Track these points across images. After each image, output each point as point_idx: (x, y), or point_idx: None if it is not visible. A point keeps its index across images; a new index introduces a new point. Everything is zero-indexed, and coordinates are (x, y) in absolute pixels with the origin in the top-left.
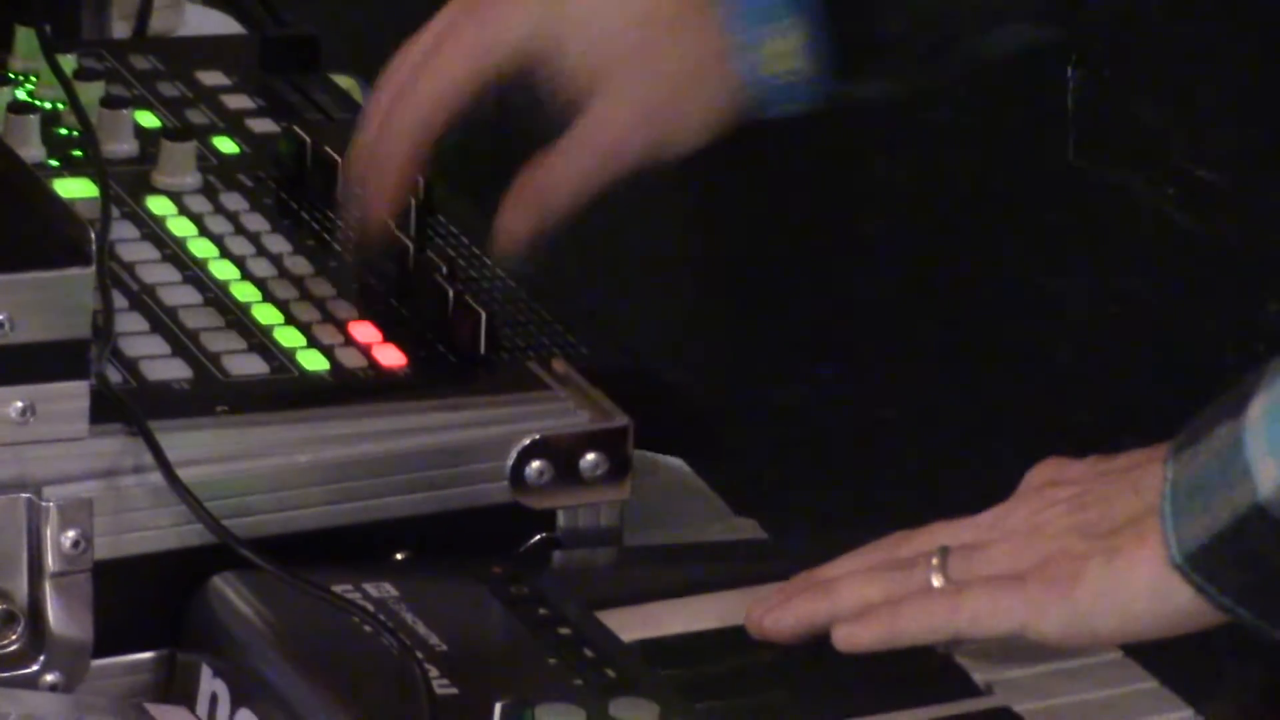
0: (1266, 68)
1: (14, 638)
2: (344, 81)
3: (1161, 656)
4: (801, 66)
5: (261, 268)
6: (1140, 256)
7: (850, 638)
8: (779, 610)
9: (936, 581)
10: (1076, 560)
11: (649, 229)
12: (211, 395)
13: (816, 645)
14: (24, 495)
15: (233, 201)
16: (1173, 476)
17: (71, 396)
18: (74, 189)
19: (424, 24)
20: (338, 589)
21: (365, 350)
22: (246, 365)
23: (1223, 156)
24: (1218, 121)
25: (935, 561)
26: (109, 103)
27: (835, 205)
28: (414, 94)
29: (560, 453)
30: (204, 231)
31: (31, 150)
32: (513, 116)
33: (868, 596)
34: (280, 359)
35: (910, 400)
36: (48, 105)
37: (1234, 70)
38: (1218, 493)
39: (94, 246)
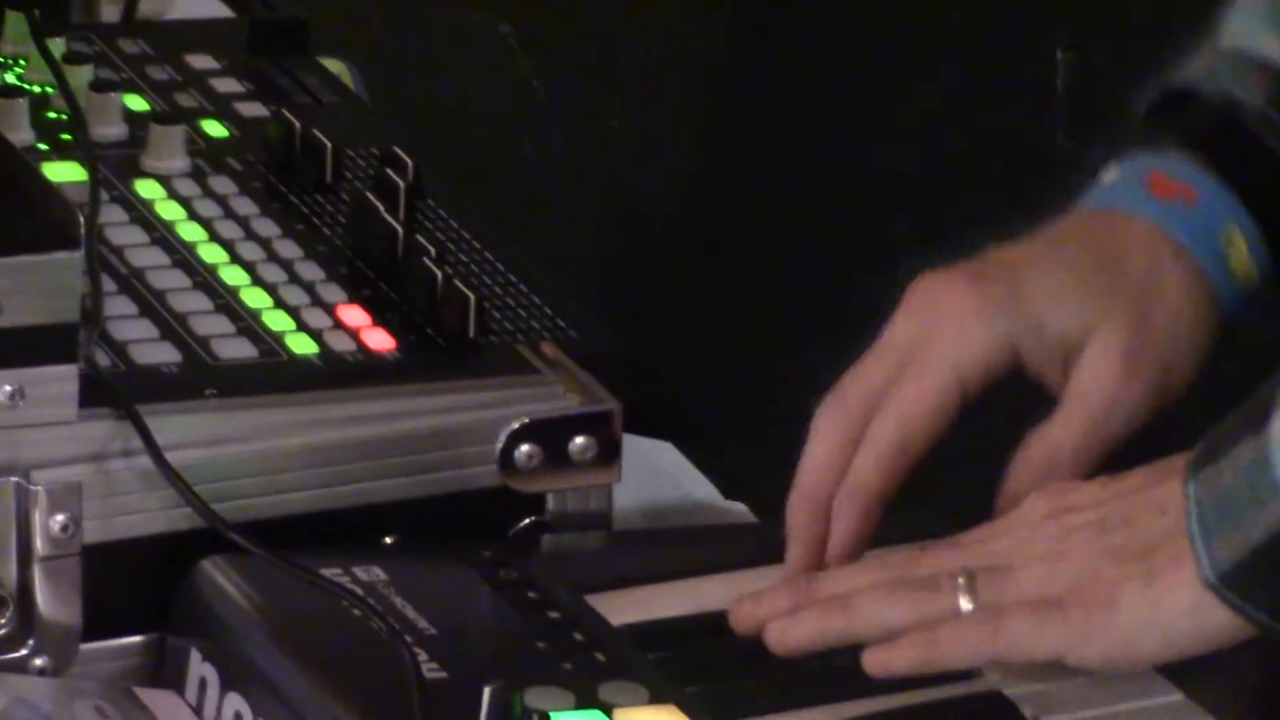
0: None
1: (2, 622)
2: (333, 65)
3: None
4: (1256, 272)
5: (250, 251)
6: None
7: (884, 665)
8: (788, 624)
9: (966, 605)
10: (1113, 585)
11: (640, 213)
12: (200, 379)
13: None
14: (13, 479)
15: (221, 185)
16: (1196, 495)
17: (60, 380)
18: (63, 173)
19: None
20: (327, 573)
21: (354, 334)
22: (235, 349)
23: None
24: None
25: (963, 582)
26: (98, 86)
27: (828, 189)
28: (884, 427)
29: (549, 436)
30: (193, 215)
31: (20, 134)
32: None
33: (890, 619)
34: (269, 342)
35: None
36: (36, 89)
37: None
38: (1248, 512)
39: (83, 230)
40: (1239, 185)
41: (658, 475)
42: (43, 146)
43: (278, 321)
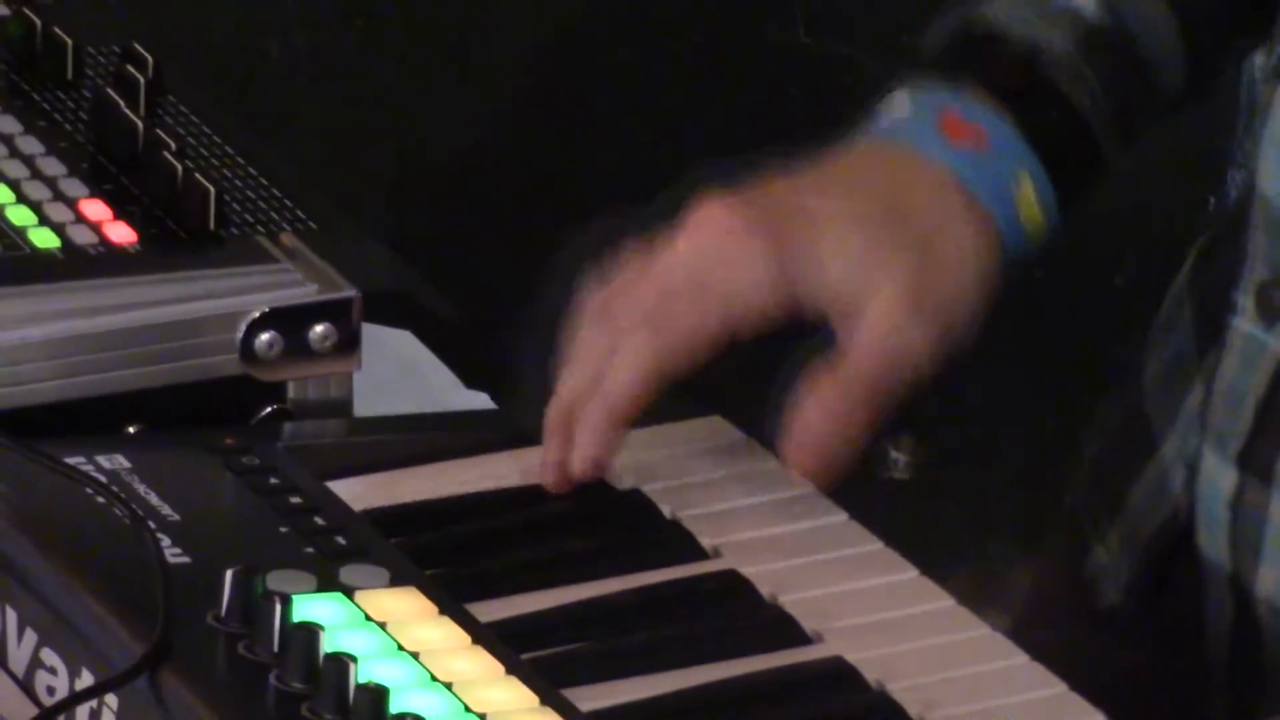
0: None
1: None
2: None
3: None
4: (1042, 218)
5: None
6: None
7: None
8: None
9: None
10: None
11: (386, 113)
12: None
13: (551, 511)
14: None
15: None
16: None
17: None
18: None
19: None
20: (70, 461)
21: (96, 227)
22: None
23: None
24: None
25: None
26: None
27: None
28: (643, 347)
29: (289, 325)
30: None
31: None
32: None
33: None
34: (11, 236)
35: None
36: None
37: None
38: None
39: None
40: (1032, 131)
41: (398, 363)
42: None
43: (20, 216)
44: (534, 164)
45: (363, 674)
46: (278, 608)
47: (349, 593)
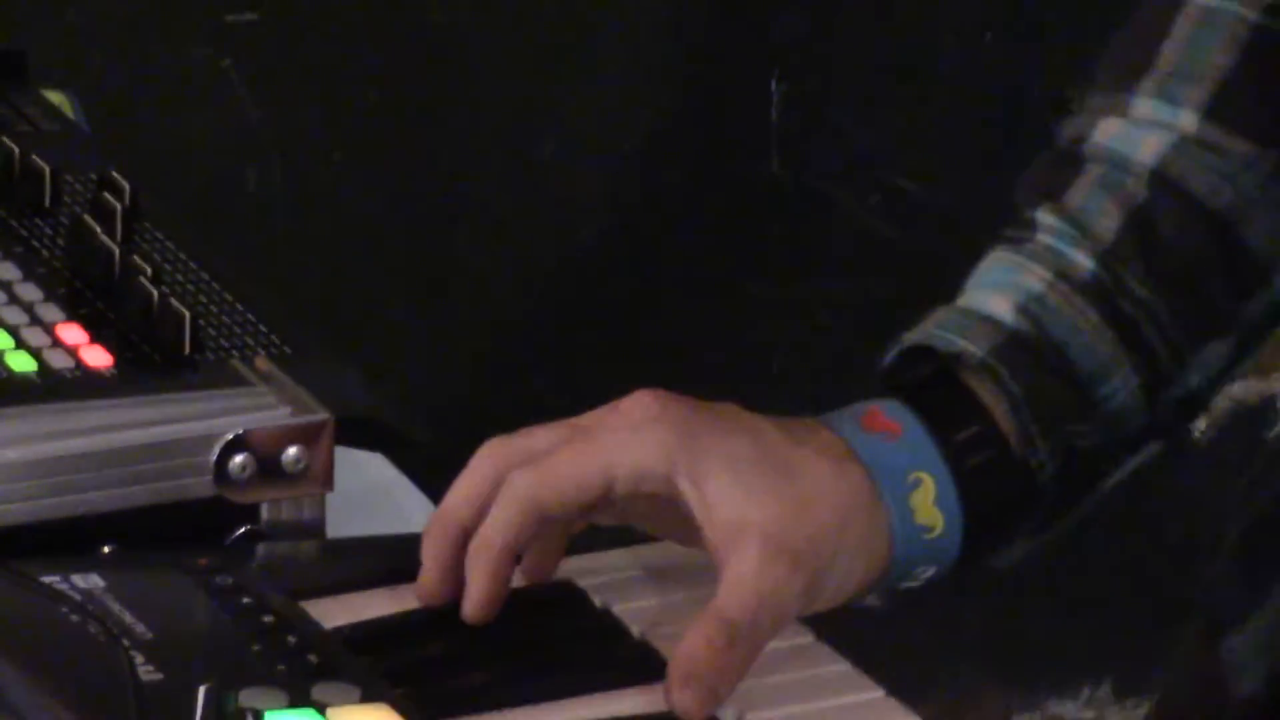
0: (963, 80)
1: None
2: (54, 96)
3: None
4: (942, 523)
5: None
6: (843, 264)
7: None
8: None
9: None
10: None
11: (363, 235)
12: None
13: (521, 630)
14: None
15: None
16: None
17: None
18: None
19: (138, 45)
20: (46, 580)
21: (73, 351)
22: None
23: (923, 167)
24: (919, 133)
25: None
26: None
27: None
28: (524, 484)
29: (262, 447)
30: None
31: None
32: None
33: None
34: None
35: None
36: None
37: (932, 83)
38: None
39: None
40: (947, 440)
41: (370, 485)
42: None
43: None
44: (509, 294)
45: None
46: None
47: (321, 709)
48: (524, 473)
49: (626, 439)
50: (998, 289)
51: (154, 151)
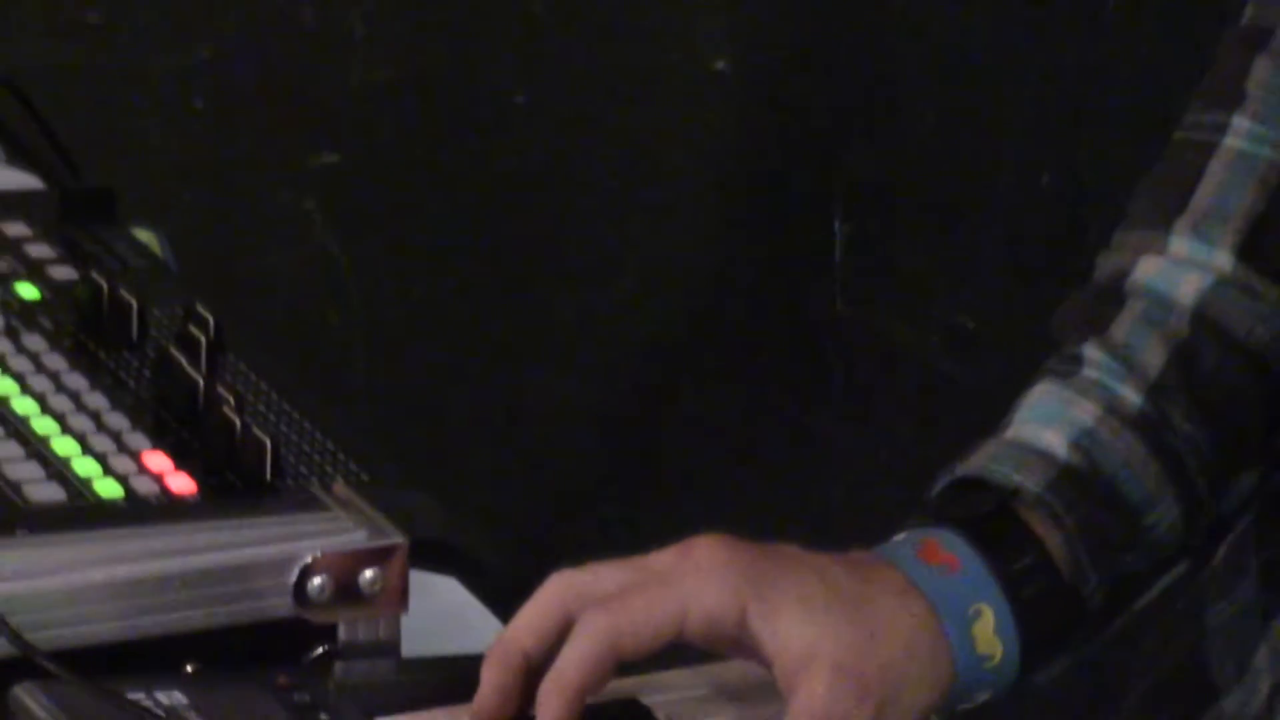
0: (1022, 220)
1: None
2: (143, 234)
3: None
4: (1001, 651)
5: (60, 403)
6: (905, 400)
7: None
8: None
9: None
10: None
11: (440, 371)
12: (12, 520)
13: None
14: None
15: (34, 343)
16: None
17: None
18: None
19: (231, 189)
20: (132, 697)
21: (158, 478)
22: (46, 492)
23: (982, 304)
24: (979, 272)
25: None
26: None
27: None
28: (600, 626)
29: (338, 570)
30: (6, 370)
31: None
32: None
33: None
34: (77, 487)
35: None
36: None
37: (992, 223)
38: None
39: None
40: (1005, 571)
41: (444, 608)
42: None
43: (86, 468)
44: (580, 425)
45: None
46: None
47: None
48: (600, 614)
49: (698, 584)
50: (1050, 423)
51: (239, 286)
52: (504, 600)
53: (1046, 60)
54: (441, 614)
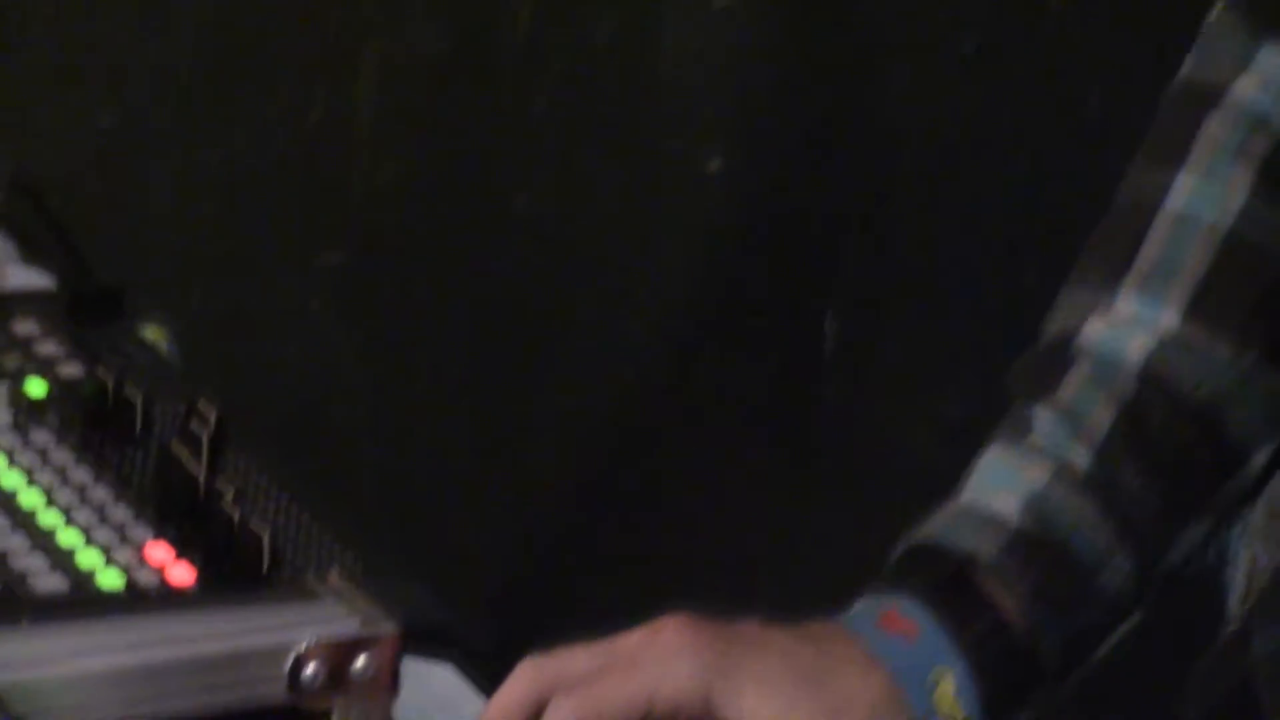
0: (1009, 315)
1: None
2: (151, 331)
3: None
4: (963, 715)
5: (66, 496)
6: (894, 488)
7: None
8: None
9: None
10: None
11: (437, 462)
12: (17, 610)
13: None
14: None
15: (42, 438)
16: None
17: None
18: None
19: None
20: None
21: (158, 569)
22: (50, 583)
23: (968, 396)
24: (964, 364)
25: None
26: None
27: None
28: (570, 708)
29: (332, 657)
30: (14, 464)
31: None
32: None
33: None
34: (79, 577)
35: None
36: None
37: (976, 318)
38: None
39: None
40: (963, 636)
41: (438, 695)
42: None
43: (88, 559)
44: (569, 517)
45: None
46: None
47: None
48: (570, 699)
49: (664, 667)
50: (1001, 488)
51: (247, 381)
52: (497, 686)
53: (1032, 167)
54: (436, 701)
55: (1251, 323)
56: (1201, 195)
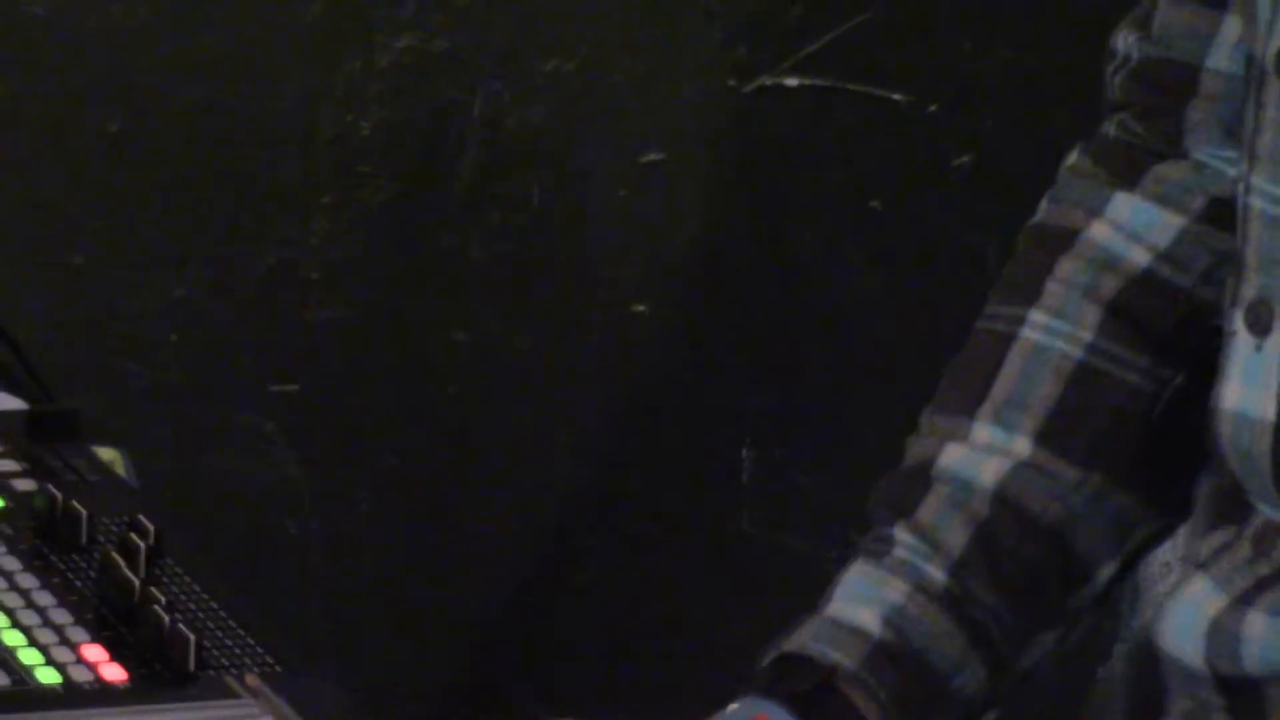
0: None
1: None
2: (106, 453)
3: None
4: None
5: (11, 600)
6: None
7: None
8: None
9: None
10: None
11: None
12: None
13: None
14: None
15: None
16: None
17: None
18: None
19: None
20: None
21: (93, 667)
22: None
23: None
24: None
25: None
26: None
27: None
28: None
29: None
30: None
31: None
32: None
33: None
34: (20, 674)
35: None
36: None
37: (881, 449)
38: None
39: None
40: None
41: None
42: None
43: (29, 656)
44: (499, 624)
45: None
46: None
47: None
48: None
49: None
50: (863, 601)
51: (200, 503)
52: None
53: (930, 322)
54: None
55: (1097, 448)
56: (1052, 331)
